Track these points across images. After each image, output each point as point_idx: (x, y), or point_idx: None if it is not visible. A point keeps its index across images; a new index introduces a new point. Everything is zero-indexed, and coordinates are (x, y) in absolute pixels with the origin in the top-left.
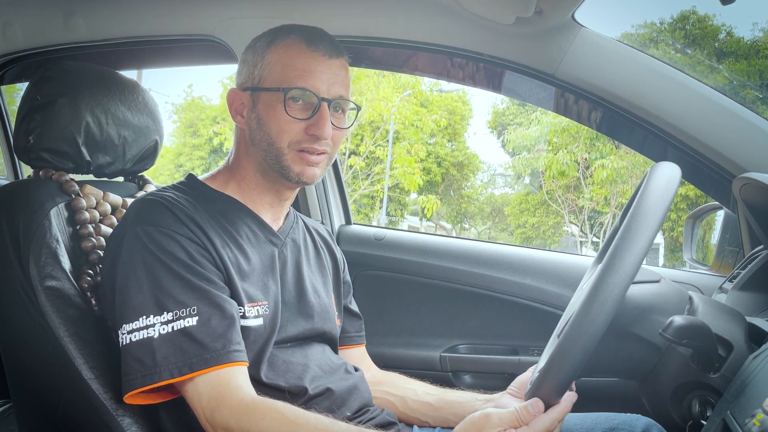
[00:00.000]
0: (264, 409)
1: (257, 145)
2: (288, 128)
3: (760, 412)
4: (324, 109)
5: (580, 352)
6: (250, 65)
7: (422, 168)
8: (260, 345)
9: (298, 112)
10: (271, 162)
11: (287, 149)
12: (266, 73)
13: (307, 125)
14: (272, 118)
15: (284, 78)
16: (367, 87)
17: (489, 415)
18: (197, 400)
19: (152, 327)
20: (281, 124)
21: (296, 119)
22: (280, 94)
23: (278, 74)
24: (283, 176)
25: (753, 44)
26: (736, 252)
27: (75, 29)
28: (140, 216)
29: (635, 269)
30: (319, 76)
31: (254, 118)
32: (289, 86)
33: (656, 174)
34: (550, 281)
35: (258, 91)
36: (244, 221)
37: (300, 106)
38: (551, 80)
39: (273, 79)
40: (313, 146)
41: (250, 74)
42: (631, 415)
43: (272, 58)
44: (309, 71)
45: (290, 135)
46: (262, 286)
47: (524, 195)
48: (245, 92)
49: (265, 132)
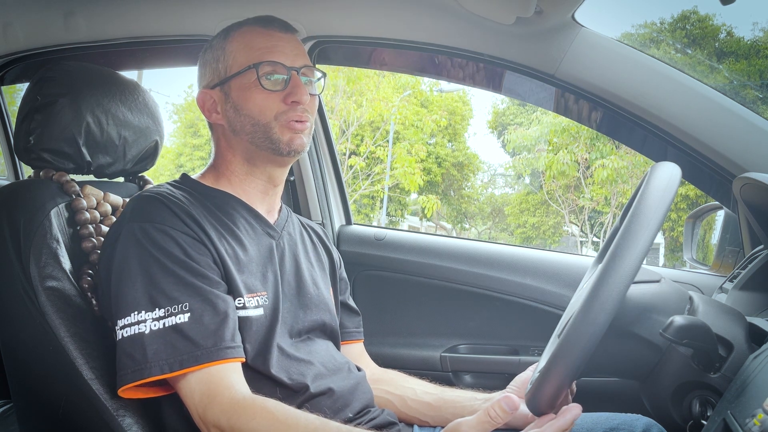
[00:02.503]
0: (255, 408)
1: (240, 132)
2: (268, 104)
3: (760, 412)
4: (296, 77)
5: (580, 352)
6: (212, 62)
7: (422, 168)
8: (263, 335)
9: (272, 85)
10: (259, 141)
11: (274, 122)
12: (231, 62)
13: (284, 95)
14: (250, 99)
15: (250, 58)
16: (367, 87)
17: (459, 424)
18: (190, 397)
19: (143, 323)
20: (260, 101)
21: (273, 91)
22: (252, 71)
23: (243, 57)
24: (274, 151)
25: (753, 44)
26: (736, 252)
27: (75, 30)
28: (136, 212)
29: (635, 269)
30: (282, 50)
31: (230, 108)
32: (258, 61)
33: (656, 174)
34: (550, 281)
35: (227, 81)
36: (241, 214)
37: (273, 81)
38: (551, 80)
39: (240, 64)
40: (296, 114)
41: (214, 71)
42: (632, 415)
43: (233, 46)
44: (271, 47)
45: (272, 108)
46: (261, 276)
47: (524, 195)
48: (214, 89)
49: (245, 115)
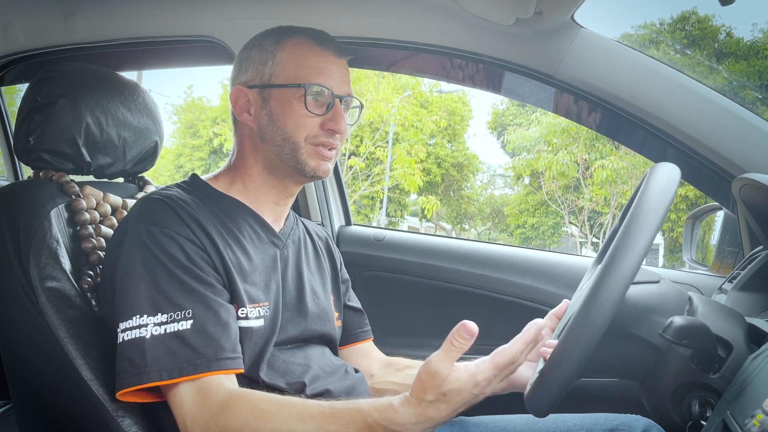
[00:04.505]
0: (239, 405)
1: (268, 142)
2: (305, 123)
3: (759, 412)
4: (338, 104)
5: (580, 352)
6: (258, 63)
7: (422, 169)
8: (261, 345)
9: (315, 107)
10: (285, 157)
11: (304, 143)
12: (278, 70)
13: (323, 120)
14: (288, 114)
15: (300, 75)
16: (367, 88)
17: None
18: (180, 405)
19: (145, 327)
20: (298, 119)
21: (314, 114)
22: (300, 89)
23: (293, 71)
24: (297, 171)
25: (753, 45)
26: (735, 252)
27: (75, 30)
28: (143, 214)
29: (635, 270)
30: (331, 74)
31: (265, 114)
32: (307, 82)
33: (656, 174)
34: (549, 282)
35: (269, 88)
36: (247, 221)
37: (316, 104)
38: (551, 81)
39: (287, 76)
40: (329, 140)
41: (258, 72)
42: (631, 415)
43: (284, 56)
44: (323, 69)
45: (307, 129)
46: (264, 286)
47: (524, 196)
48: (252, 90)
49: (279, 128)
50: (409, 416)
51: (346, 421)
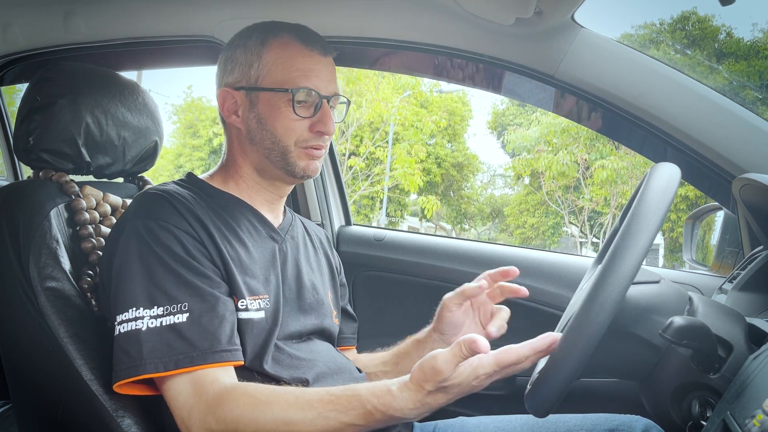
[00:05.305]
0: (236, 396)
1: (258, 144)
2: (294, 127)
3: (760, 412)
4: (326, 106)
5: (580, 352)
6: (243, 65)
7: (422, 169)
8: (263, 338)
9: (303, 110)
10: (275, 159)
11: (293, 147)
12: (264, 72)
13: (311, 123)
14: (277, 118)
15: (287, 79)
16: (366, 88)
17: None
18: (175, 398)
19: (141, 319)
20: (287, 123)
21: (302, 118)
22: (287, 94)
23: (280, 75)
24: (287, 173)
25: (753, 45)
26: (735, 253)
27: (75, 30)
28: (141, 209)
29: (635, 270)
30: (318, 74)
31: (253, 117)
32: (295, 87)
33: (656, 174)
34: (549, 282)
35: (256, 90)
36: (245, 216)
37: (304, 107)
38: (551, 81)
39: (274, 80)
40: (318, 143)
41: (243, 73)
42: (631, 416)
43: (270, 57)
44: (310, 70)
45: (296, 134)
46: (264, 279)
47: (524, 196)
48: (239, 92)
49: (268, 131)
50: (407, 402)
51: (345, 407)
